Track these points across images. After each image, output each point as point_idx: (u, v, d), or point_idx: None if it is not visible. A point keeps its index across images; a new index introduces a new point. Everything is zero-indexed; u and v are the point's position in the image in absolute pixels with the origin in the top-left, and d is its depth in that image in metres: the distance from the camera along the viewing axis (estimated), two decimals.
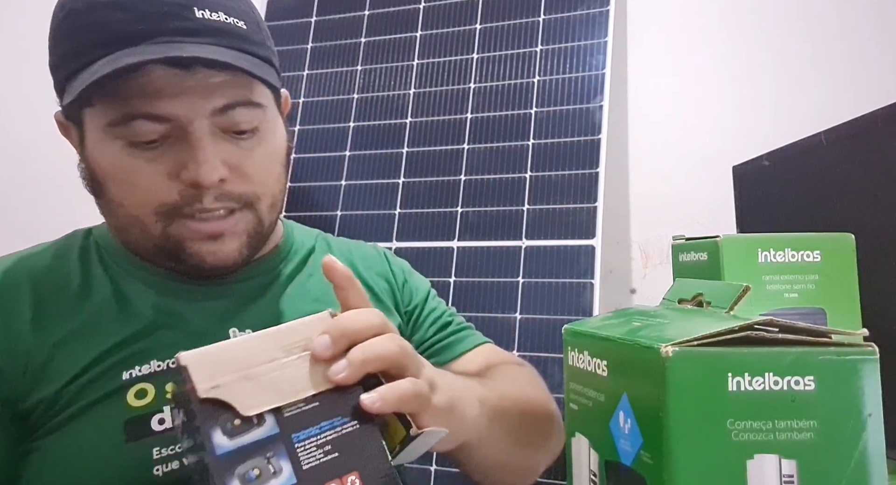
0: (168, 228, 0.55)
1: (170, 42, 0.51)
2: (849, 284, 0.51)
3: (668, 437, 0.25)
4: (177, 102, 0.51)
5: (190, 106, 0.52)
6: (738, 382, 0.26)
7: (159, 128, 0.52)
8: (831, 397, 0.26)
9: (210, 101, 0.53)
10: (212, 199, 0.54)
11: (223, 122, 0.54)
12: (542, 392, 0.69)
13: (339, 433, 0.38)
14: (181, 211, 0.54)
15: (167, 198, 0.54)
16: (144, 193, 0.54)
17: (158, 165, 0.53)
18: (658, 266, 1.44)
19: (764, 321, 0.27)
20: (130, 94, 0.51)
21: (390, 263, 0.75)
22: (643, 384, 0.27)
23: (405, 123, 1.56)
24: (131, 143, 0.52)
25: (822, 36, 1.38)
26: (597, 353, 0.31)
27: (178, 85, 0.51)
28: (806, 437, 0.26)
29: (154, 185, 0.53)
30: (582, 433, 0.33)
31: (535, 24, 1.50)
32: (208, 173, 0.53)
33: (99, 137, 0.54)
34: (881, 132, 0.60)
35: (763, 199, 0.79)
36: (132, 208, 0.55)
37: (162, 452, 0.52)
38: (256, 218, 0.58)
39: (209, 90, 0.52)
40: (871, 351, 0.26)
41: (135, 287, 0.59)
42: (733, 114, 1.41)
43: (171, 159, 0.53)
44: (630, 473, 0.28)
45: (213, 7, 0.53)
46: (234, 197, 0.56)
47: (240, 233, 0.57)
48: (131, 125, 0.52)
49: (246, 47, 0.55)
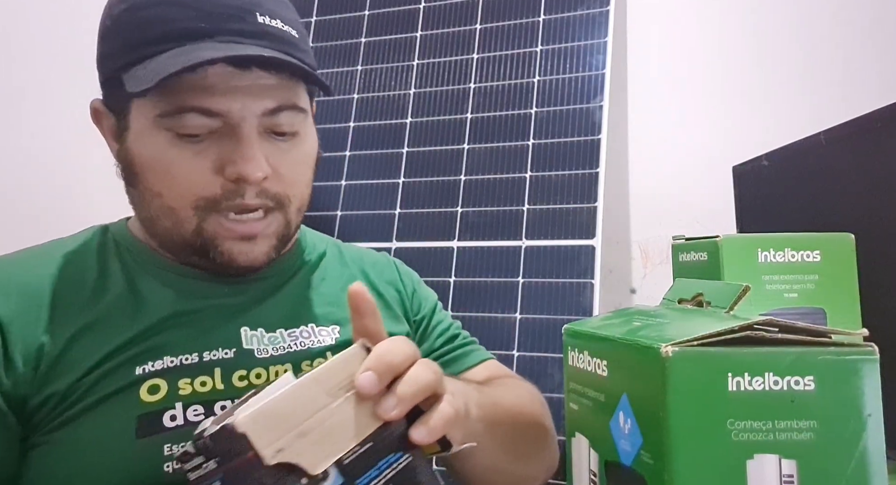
0: (203, 223, 0.56)
1: (230, 42, 0.53)
2: (849, 284, 0.51)
3: (668, 437, 0.25)
4: (230, 100, 0.53)
5: (243, 104, 0.54)
6: (738, 382, 0.26)
7: (210, 122, 0.54)
8: (831, 397, 0.26)
9: (262, 102, 0.55)
10: (252, 195, 0.55)
11: (269, 122, 0.56)
12: (540, 407, 0.69)
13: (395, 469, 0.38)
14: (220, 206, 0.55)
15: (208, 191, 0.55)
16: (186, 186, 0.55)
17: (204, 160, 0.54)
18: (658, 266, 1.44)
19: (764, 321, 0.27)
20: (184, 87, 0.52)
21: (400, 273, 0.76)
22: (643, 384, 0.27)
23: (405, 123, 1.56)
24: (179, 135, 0.54)
25: (822, 36, 1.38)
26: (597, 353, 0.31)
27: (232, 83, 0.53)
28: (806, 437, 0.26)
29: (197, 178, 0.55)
30: (582, 433, 0.33)
31: (535, 25, 1.50)
32: (255, 169, 0.54)
33: (146, 126, 0.55)
34: (881, 132, 0.60)
35: (763, 199, 0.79)
36: (170, 200, 0.55)
37: (173, 449, 0.52)
38: (285, 220, 0.59)
39: (261, 91, 0.55)
40: (871, 351, 0.26)
41: (150, 284, 0.59)
42: (733, 114, 1.41)
43: (217, 154, 0.55)
44: (630, 473, 0.28)
45: (272, 14, 0.56)
46: (271, 196, 0.57)
47: (270, 235, 0.58)
48: (183, 117, 0.53)
49: (296, 54, 0.57)
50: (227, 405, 0.55)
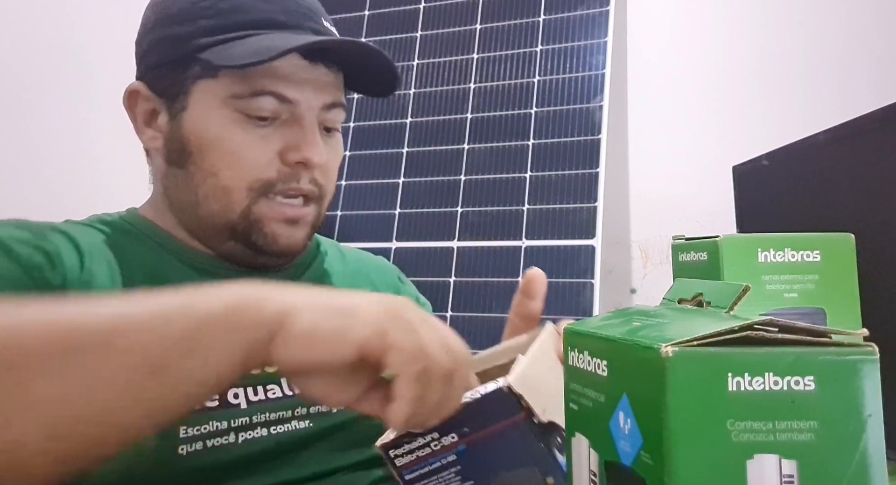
0: (253, 205, 0.58)
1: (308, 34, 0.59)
2: (849, 284, 0.51)
3: (668, 437, 0.25)
4: (301, 89, 0.58)
5: (311, 95, 0.59)
6: (738, 382, 0.26)
7: (281, 108, 0.58)
8: (831, 397, 0.26)
9: (323, 96, 0.60)
10: (306, 181, 0.59)
11: (323, 117, 0.60)
12: None
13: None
14: (274, 188, 0.58)
15: (267, 174, 0.58)
16: (248, 167, 0.57)
17: (269, 143, 0.58)
18: (658, 266, 1.44)
19: (764, 321, 0.27)
20: (262, 73, 0.56)
21: (400, 278, 0.78)
22: (643, 384, 0.27)
23: (405, 122, 1.56)
24: (248, 117, 0.57)
25: (822, 36, 1.38)
26: (597, 353, 0.31)
27: (304, 75, 0.58)
28: (806, 437, 0.25)
29: (261, 159, 0.58)
30: (582, 433, 0.33)
31: (535, 24, 1.50)
32: (319, 155, 0.58)
33: (213, 107, 0.58)
34: (881, 132, 0.60)
35: (763, 199, 0.79)
36: (227, 179, 0.58)
37: (188, 431, 0.52)
38: (319, 212, 0.63)
39: (324, 86, 0.60)
40: (871, 351, 0.26)
41: (173, 266, 0.60)
42: (733, 114, 1.41)
43: (281, 140, 0.58)
44: (630, 473, 0.28)
45: (330, 22, 0.64)
46: (319, 185, 0.61)
47: (309, 223, 0.61)
48: (258, 100, 0.57)
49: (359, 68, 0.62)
50: (238, 393, 0.55)
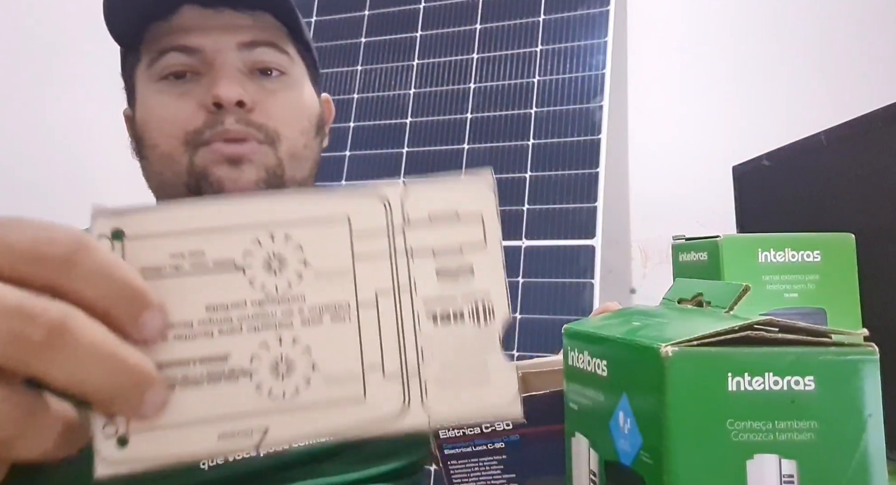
0: (194, 158, 0.58)
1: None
2: (849, 284, 0.51)
3: (668, 437, 0.25)
4: (205, 36, 0.58)
5: (217, 38, 0.58)
6: (738, 382, 0.25)
7: (189, 60, 0.58)
8: (831, 397, 0.26)
9: (236, 36, 0.58)
10: (233, 120, 0.57)
11: (248, 58, 0.59)
12: None
13: None
14: (203, 136, 0.57)
15: (192, 124, 0.58)
16: (173, 124, 0.58)
17: (188, 97, 0.58)
18: (658, 266, 1.44)
19: (764, 321, 0.27)
20: (163, 32, 0.58)
21: None
22: (643, 384, 0.27)
23: (405, 122, 1.56)
24: (163, 78, 0.58)
25: (823, 35, 1.38)
26: (597, 353, 0.31)
27: (207, 22, 0.58)
28: (806, 437, 0.25)
29: (182, 114, 0.58)
30: (582, 433, 0.33)
31: (535, 24, 1.50)
32: (226, 89, 0.57)
33: (144, 86, 0.59)
34: (881, 132, 0.60)
35: (763, 199, 0.79)
36: (164, 145, 0.58)
37: None
38: (276, 158, 0.60)
39: (236, 27, 0.59)
40: (871, 351, 0.26)
41: None
42: (733, 114, 1.41)
43: (199, 91, 0.58)
44: (630, 473, 0.28)
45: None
46: (256, 126, 0.59)
47: (258, 165, 0.59)
48: (165, 59, 0.58)
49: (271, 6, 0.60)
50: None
